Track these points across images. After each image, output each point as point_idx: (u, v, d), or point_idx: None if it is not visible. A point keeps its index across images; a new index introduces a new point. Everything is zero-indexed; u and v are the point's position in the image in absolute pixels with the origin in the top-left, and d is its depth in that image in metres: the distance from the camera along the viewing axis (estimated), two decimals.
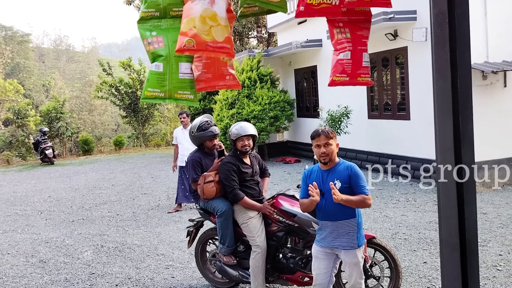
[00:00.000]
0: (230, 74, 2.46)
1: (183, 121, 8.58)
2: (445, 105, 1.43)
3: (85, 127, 31.39)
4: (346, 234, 3.49)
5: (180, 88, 2.30)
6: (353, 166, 3.53)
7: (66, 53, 71.27)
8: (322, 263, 3.60)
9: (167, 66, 2.30)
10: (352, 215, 3.50)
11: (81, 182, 13.06)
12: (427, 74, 9.12)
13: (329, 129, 3.52)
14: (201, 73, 2.38)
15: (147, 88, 2.31)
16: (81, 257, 6.30)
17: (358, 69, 2.57)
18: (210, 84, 2.41)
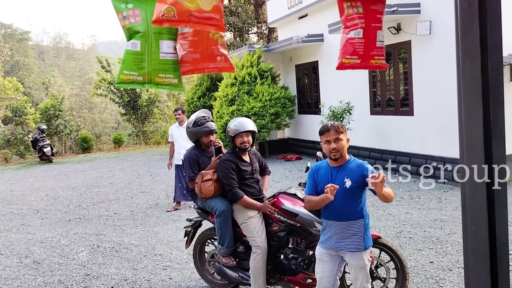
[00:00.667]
0: (221, 55, 2.15)
1: (179, 118, 8.37)
2: (473, 90, 1.22)
3: (85, 125, 31.22)
4: (353, 235, 3.29)
5: (161, 71, 2.00)
6: (365, 163, 3.32)
7: (66, 50, 71.08)
8: (327, 266, 3.40)
9: (146, 45, 2.00)
10: (360, 215, 3.31)
11: (79, 180, 12.88)
12: (431, 68, 8.92)
13: (338, 124, 3.29)
14: (187, 53, 2.08)
15: (123, 70, 2.01)
16: (76, 257, 6.12)
17: (372, 50, 2.30)
18: (198, 66, 2.11)
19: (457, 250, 5.37)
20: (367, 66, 2.32)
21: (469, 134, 1.24)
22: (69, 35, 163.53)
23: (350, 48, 2.30)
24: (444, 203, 7.49)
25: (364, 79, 10.99)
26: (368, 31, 2.35)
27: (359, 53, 2.29)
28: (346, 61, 2.28)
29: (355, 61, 2.27)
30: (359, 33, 2.31)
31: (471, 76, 1.24)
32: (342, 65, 2.35)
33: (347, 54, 2.29)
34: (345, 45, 2.34)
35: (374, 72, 10.70)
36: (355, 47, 2.29)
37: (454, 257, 5.17)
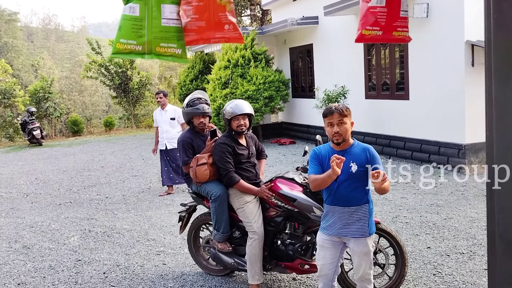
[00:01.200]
0: (229, 23, 1.94)
1: (160, 101, 8.19)
2: (510, 69, 1.09)
3: (75, 108, 30.85)
4: (357, 221, 3.18)
5: (163, 39, 1.80)
6: (370, 147, 3.21)
7: (55, 32, 69.92)
8: (328, 253, 3.29)
9: (146, 9, 1.78)
10: (366, 200, 3.20)
11: (69, 163, 12.69)
12: (428, 52, 8.79)
13: (343, 106, 3.15)
14: (191, 20, 1.88)
15: (119, 39, 1.80)
16: (67, 242, 6.00)
17: (395, 20, 2.12)
18: (203, 35, 1.89)
19: (454, 235, 5.32)
20: (389, 38, 2.14)
21: (500, 116, 1.11)
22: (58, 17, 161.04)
23: (371, 18, 2.11)
24: (440, 188, 7.45)
25: (359, 62, 10.85)
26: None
27: (381, 24, 2.10)
28: (367, 33, 2.10)
29: (376, 33, 2.10)
30: (382, 1, 2.11)
31: (506, 51, 1.10)
32: (362, 37, 2.17)
33: (368, 24, 2.10)
34: (365, 14, 2.15)
35: (370, 55, 10.56)
36: (377, 17, 2.10)
37: (451, 243, 5.12)
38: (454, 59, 8.20)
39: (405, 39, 2.20)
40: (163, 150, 8.19)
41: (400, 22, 2.13)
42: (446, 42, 8.31)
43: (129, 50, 1.82)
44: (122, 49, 1.82)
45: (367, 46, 10.57)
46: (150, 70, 32.52)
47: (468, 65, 8.03)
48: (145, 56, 1.80)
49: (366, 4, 2.14)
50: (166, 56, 1.83)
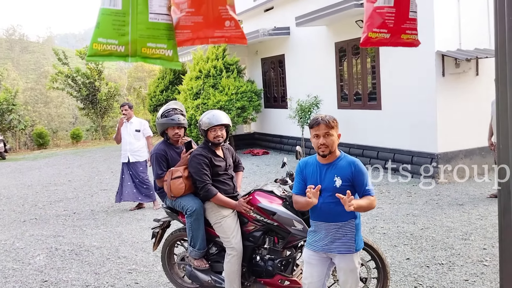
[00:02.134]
0: (231, 19, 1.66)
1: (125, 114, 7.91)
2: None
3: (41, 120, 29.99)
4: (344, 236, 3.06)
5: (150, 38, 1.52)
6: (356, 161, 3.08)
7: (20, 43, 68.16)
8: (315, 270, 3.15)
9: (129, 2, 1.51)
10: (352, 215, 3.07)
11: (34, 178, 12.20)
12: (399, 62, 8.87)
13: (330, 117, 3.04)
14: (186, 15, 1.59)
15: (97, 38, 1.50)
16: (32, 262, 5.67)
17: (404, 22, 1.96)
18: (200, 34, 1.61)
19: (432, 246, 5.29)
20: (397, 42, 1.98)
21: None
22: (23, 27, 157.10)
23: (378, 19, 1.94)
24: (414, 197, 7.45)
25: (331, 72, 10.88)
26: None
27: (388, 26, 1.93)
28: (373, 36, 1.93)
29: (383, 36, 1.93)
30: (390, 0, 1.93)
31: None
32: (367, 40, 2.00)
33: (374, 26, 1.93)
34: (371, 15, 1.97)
35: (342, 65, 10.60)
36: (385, 18, 1.93)
37: (430, 253, 5.08)
38: (425, 69, 8.29)
39: (414, 43, 2.06)
40: (126, 163, 7.92)
41: (410, 23, 1.98)
42: (417, 53, 8.39)
43: (109, 52, 1.54)
44: (101, 50, 1.54)
45: (339, 56, 10.61)
46: (119, 81, 32.00)
47: (439, 75, 8.12)
48: (129, 58, 1.54)
49: (371, 5, 1.97)
50: (154, 58, 1.57)
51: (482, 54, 7.98)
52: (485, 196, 7.23)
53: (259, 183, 8.93)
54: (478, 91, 8.45)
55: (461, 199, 7.14)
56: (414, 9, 2.00)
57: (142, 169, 7.94)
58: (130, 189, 7.85)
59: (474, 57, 7.91)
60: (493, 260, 4.76)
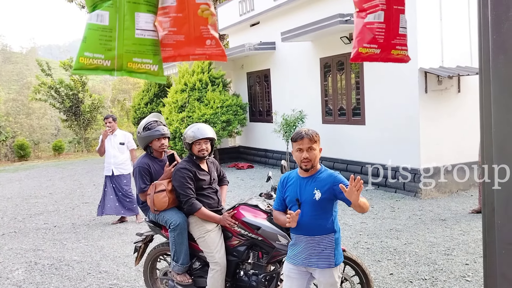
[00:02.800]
0: (211, 38, 1.74)
1: (109, 126, 7.84)
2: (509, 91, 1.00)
3: (22, 131, 29.54)
4: (323, 250, 3.05)
5: (136, 54, 1.56)
6: (336, 174, 3.09)
7: (3, 53, 67.42)
8: (295, 283, 3.13)
9: (117, 17, 1.54)
10: (331, 229, 3.07)
11: (14, 190, 11.97)
12: (382, 78, 8.99)
13: (313, 131, 3.06)
14: (168, 34, 1.66)
15: (83, 52, 1.54)
16: (10, 276, 5.52)
17: (394, 38, 1.98)
18: (181, 51, 1.69)
19: (415, 261, 5.30)
20: (387, 57, 2.01)
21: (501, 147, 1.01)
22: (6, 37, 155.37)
23: (368, 34, 1.96)
24: (398, 212, 7.49)
25: (316, 87, 10.97)
26: (390, 15, 2.00)
27: (379, 41, 1.96)
28: (364, 51, 1.96)
29: (373, 51, 1.96)
30: (380, 16, 1.95)
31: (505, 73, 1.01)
32: (358, 55, 2.02)
33: (365, 42, 1.95)
34: (361, 31, 2.00)
35: (326, 81, 10.69)
36: (375, 33, 1.95)
37: (413, 268, 5.09)
38: (409, 86, 8.41)
39: (403, 59, 2.08)
40: (109, 176, 7.82)
41: (400, 39, 2.01)
42: (400, 69, 8.52)
43: (95, 66, 1.56)
44: (87, 64, 1.56)
45: (323, 71, 10.71)
46: (103, 93, 31.79)
47: (422, 91, 8.24)
48: (114, 73, 1.56)
49: (362, 20, 2.00)
50: (140, 73, 1.59)
51: (464, 72, 8.13)
52: (467, 211, 7.31)
53: (244, 197, 8.89)
54: (460, 107, 8.59)
55: (443, 215, 7.20)
56: (404, 25, 2.04)
57: (126, 182, 7.86)
58: (113, 203, 7.75)
59: (456, 74, 8.05)
60: (475, 276, 4.79)
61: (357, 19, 2.04)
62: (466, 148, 8.62)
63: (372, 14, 1.97)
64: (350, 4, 2.17)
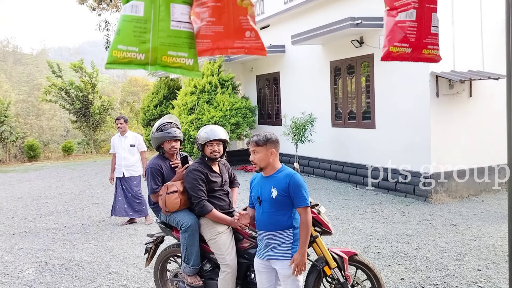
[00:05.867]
0: (251, 29, 1.65)
1: (120, 127, 7.87)
2: None
3: (32, 132, 29.77)
4: (281, 244, 3.28)
5: (171, 47, 1.48)
6: (293, 174, 3.29)
7: (13, 55, 68.04)
8: (264, 277, 3.40)
9: (152, 8, 1.46)
10: (289, 225, 3.31)
11: (25, 190, 12.05)
12: (393, 82, 8.95)
13: (262, 137, 3.32)
14: (206, 25, 1.56)
15: (117, 45, 1.47)
16: (21, 276, 5.55)
17: (425, 37, 1.93)
18: (220, 44, 1.58)
19: (426, 266, 5.26)
20: (418, 57, 1.95)
21: None
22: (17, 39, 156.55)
23: (399, 33, 1.90)
24: (408, 217, 7.44)
25: (326, 91, 10.95)
26: (422, 13, 1.95)
27: (410, 40, 1.90)
28: (394, 50, 1.91)
29: (404, 50, 1.90)
30: (412, 14, 1.90)
31: None
32: (388, 54, 1.96)
33: (396, 41, 1.90)
34: (392, 30, 1.94)
35: (336, 84, 10.67)
36: (407, 32, 1.90)
37: (424, 273, 5.05)
38: (420, 90, 8.36)
39: (435, 59, 2.03)
40: (120, 178, 7.85)
41: (431, 38, 1.96)
42: (411, 73, 8.48)
43: (128, 59, 1.50)
44: (120, 58, 1.49)
45: (333, 74, 10.69)
46: (112, 95, 31.97)
47: (433, 95, 8.19)
48: (148, 67, 1.51)
49: (393, 19, 1.95)
50: (174, 67, 1.54)
51: (475, 76, 8.08)
52: (478, 216, 7.24)
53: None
54: (472, 112, 8.53)
55: (454, 220, 7.14)
56: (436, 24, 1.99)
57: (136, 183, 7.88)
58: (121, 205, 7.78)
59: (468, 78, 8.00)
60: (488, 282, 4.74)
61: (387, 17, 2.00)
62: (478, 153, 8.56)
63: (404, 13, 1.92)
64: (361, 8, 2.16)
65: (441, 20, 8.28)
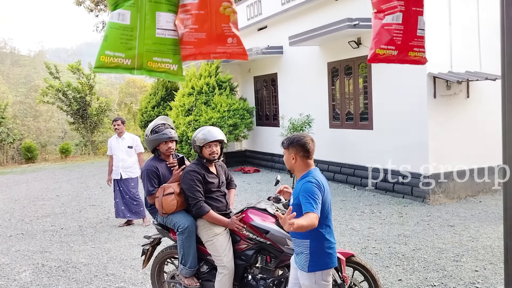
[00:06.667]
0: (233, 36, 1.77)
1: (118, 129, 7.85)
2: None
3: (29, 134, 29.68)
4: (300, 253, 3.18)
5: (156, 53, 1.58)
6: (304, 182, 3.07)
7: (11, 56, 67.89)
8: (293, 273, 3.35)
9: (138, 17, 1.55)
10: (304, 235, 3.10)
11: (22, 192, 12.01)
12: (391, 83, 8.95)
13: (286, 139, 3.27)
14: (189, 32, 1.66)
15: (104, 50, 1.55)
16: (18, 278, 5.53)
17: (412, 39, 1.97)
18: (202, 49, 1.68)
19: (424, 267, 5.25)
20: (404, 59, 1.99)
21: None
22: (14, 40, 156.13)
23: (386, 36, 1.95)
24: (405, 218, 7.44)
25: (323, 92, 10.95)
26: (408, 16, 1.98)
27: (396, 43, 1.94)
28: (381, 52, 1.95)
29: (391, 52, 1.94)
30: (398, 17, 1.94)
31: None
32: (375, 56, 2.00)
33: (382, 43, 1.94)
34: (379, 32, 1.99)
35: (334, 85, 10.67)
36: (393, 35, 1.94)
37: (422, 274, 5.04)
38: (417, 91, 8.37)
39: (421, 61, 2.07)
40: (117, 180, 7.83)
41: (417, 41, 2.00)
42: (409, 74, 8.49)
43: (115, 64, 1.58)
44: (108, 63, 1.57)
45: (331, 76, 10.69)
46: (110, 96, 31.92)
47: (431, 96, 8.20)
48: (134, 71, 1.58)
49: (379, 21, 1.99)
50: (159, 72, 1.61)
51: (473, 77, 8.09)
52: (476, 217, 7.24)
53: (250, 201, 8.88)
54: (469, 113, 8.54)
55: (452, 221, 7.14)
56: (422, 27, 2.02)
57: (134, 185, 7.86)
58: (119, 207, 7.76)
59: (465, 79, 8.01)
60: (485, 283, 4.74)
61: (375, 20, 2.03)
62: (475, 153, 8.56)
63: (391, 16, 1.96)
64: (359, 9, 2.18)
65: (438, 21, 8.27)
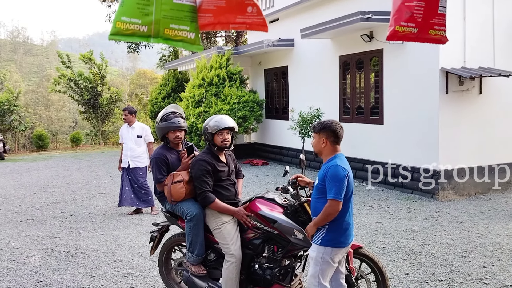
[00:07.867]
0: (253, 5, 1.67)
1: (125, 119, 7.90)
2: None
3: (41, 123, 29.95)
4: (318, 230, 3.43)
5: (174, 20, 1.51)
6: (331, 165, 3.36)
7: (24, 45, 68.55)
8: None
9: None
10: None
11: (32, 179, 12.14)
12: (402, 77, 8.89)
13: (319, 124, 3.51)
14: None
15: (121, 16, 1.50)
16: (27, 262, 5.60)
17: (432, 17, 1.92)
18: (221, 18, 1.61)
19: (432, 262, 5.24)
20: (424, 38, 1.94)
21: None
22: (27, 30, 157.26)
23: (406, 12, 1.89)
24: (414, 213, 7.41)
25: (334, 86, 10.90)
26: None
27: (417, 20, 1.89)
28: (400, 29, 1.90)
29: (411, 30, 1.90)
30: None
31: None
32: (394, 33, 1.95)
33: (402, 20, 1.89)
34: (399, 9, 1.93)
35: (345, 79, 10.62)
36: (413, 12, 1.88)
37: (429, 269, 5.03)
38: (429, 86, 8.30)
39: (441, 40, 2.02)
40: (125, 168, 7.87)
41: (438, 19, 1.94)
42: (421, 69, 8.42)
43: (131, 31, 1.52)
44: (123, 29, 1.51)
45: (342, 69, 10.63)
46: (121, 87, 32.07)
47: (443, 92, 8.13)
48: (151, 39, 1.53)
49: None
50: (176, 40, 1.56)
51: (486, 73, 8.00)
52: (485, 214, 7.19)
53: (258, 193, 8.88)
54: (481, 109, 8.45)
55: (461, 217, 7.10)
56: (443, 4, 1.96)
57: (142, 174, 7.90)
58: (128, 194, 7.81)
59: (478, 75, 7.92)
60: (493, 279, 4.71)
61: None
62: (486, 151, 8.49)
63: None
64: (372, 2, 2.15)
65: (452, 15, 8.17)
